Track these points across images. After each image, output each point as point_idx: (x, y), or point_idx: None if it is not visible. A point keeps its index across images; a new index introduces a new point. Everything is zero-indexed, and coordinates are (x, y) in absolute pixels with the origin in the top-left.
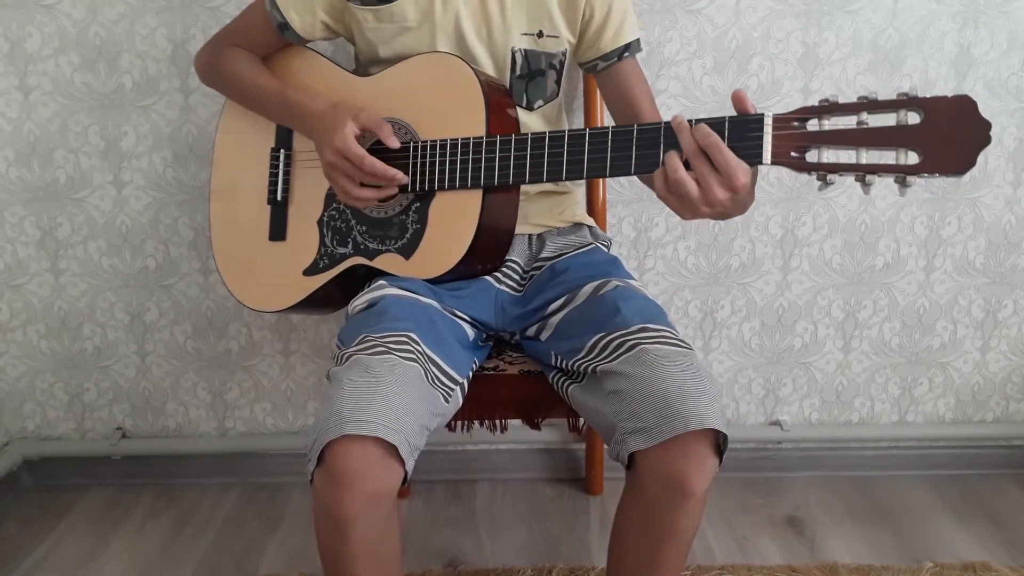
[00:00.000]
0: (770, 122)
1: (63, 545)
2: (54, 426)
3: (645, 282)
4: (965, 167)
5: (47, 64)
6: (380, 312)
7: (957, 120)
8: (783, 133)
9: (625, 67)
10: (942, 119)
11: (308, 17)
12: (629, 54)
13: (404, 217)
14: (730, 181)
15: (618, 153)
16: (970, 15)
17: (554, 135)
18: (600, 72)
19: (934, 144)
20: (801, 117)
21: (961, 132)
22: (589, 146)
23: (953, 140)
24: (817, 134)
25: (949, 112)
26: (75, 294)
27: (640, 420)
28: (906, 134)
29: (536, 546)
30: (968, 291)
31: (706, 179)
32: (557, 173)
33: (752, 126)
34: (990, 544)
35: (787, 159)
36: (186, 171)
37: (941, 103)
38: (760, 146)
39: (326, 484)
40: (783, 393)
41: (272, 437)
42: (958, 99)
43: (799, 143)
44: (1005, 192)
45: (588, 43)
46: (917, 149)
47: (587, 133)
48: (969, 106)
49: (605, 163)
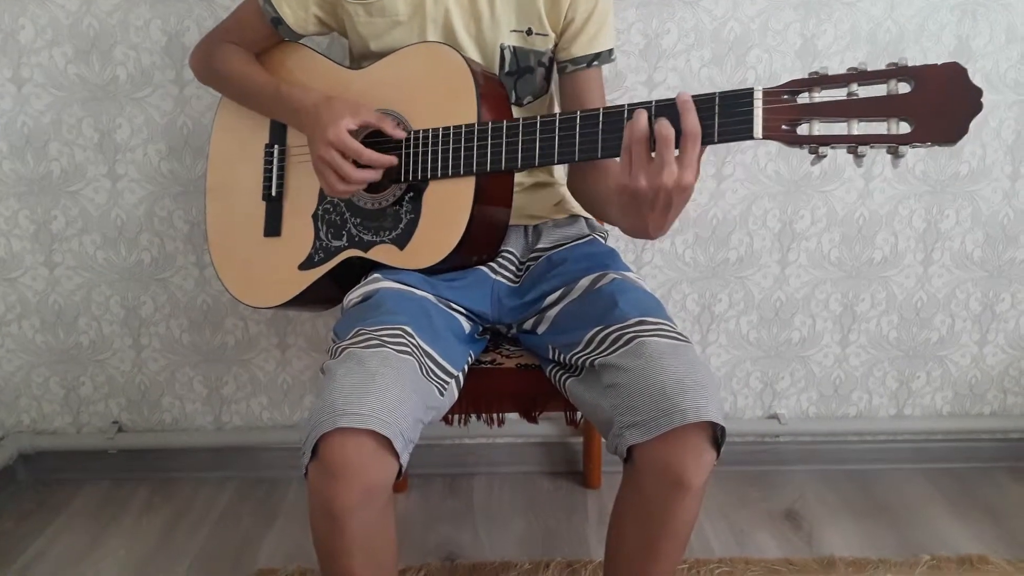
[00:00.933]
0: (760, 96)
1: (60, 539)
2: (50, 420)
3: (643, 275)
4: (957, 135)
5: (40, 56)
6: (375, 305)
7: (948, 88)
8: (773, 106)
9: (589, 75)
10: (933, 87)
11: (301, 12)
12: (598, 63)
13: (398, 208)
14: (683, 174)
15: (609, 134)
16: (968, 7)
17: (545, 119)
18: (567, 74)
19: (925, 112)
20: (791, 90)
21: (952, 100)
22: (580, 128)
23: (944, 108)
24: (808, 106)
25: (940, 80)
26: (70, 288)
27: (638, 413)
28: (897, 103)
29: (534, 539)
30: (966, 285)
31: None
32: (549, 157)
33: (742, 100)
34: (987, 538)
35: (778, 132)
36: (181, 163)
37: (931, 71)
38: (750, 120)
39: (320, 477)
40: (781, 387)
41: (268, 431)
42: (948, 66)
43: (790, 116)
44: (1003, 185)
45: (563, 45)
46: (909, 118)
47: (578, 115)
48: (959, 73)
49: (596, 143)
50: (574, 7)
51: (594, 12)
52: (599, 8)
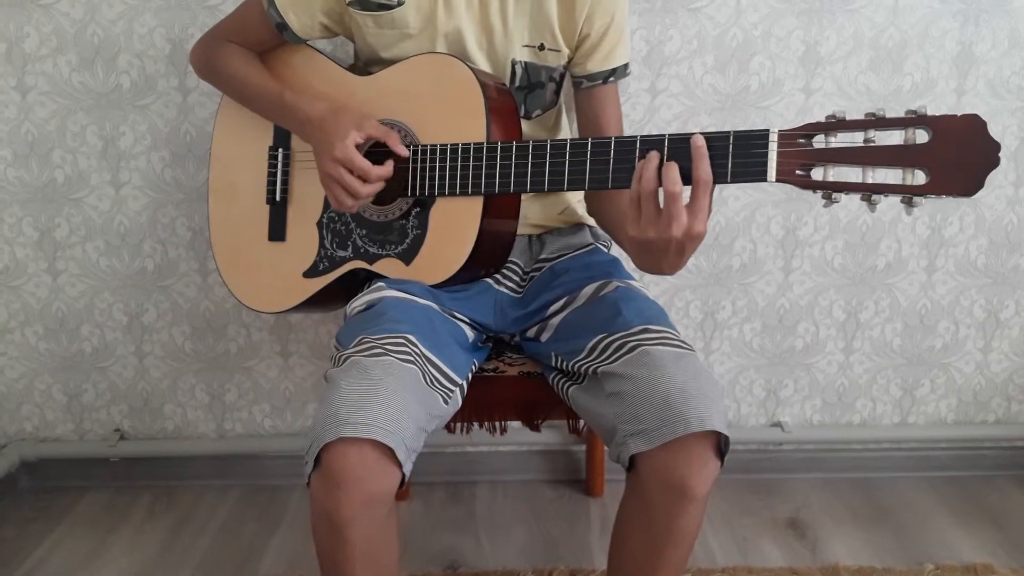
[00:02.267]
0: (775, 138)
1: (61, 547)
2: (52, 427)
3: (646, 283)
4: (973, 189)
5: (45, 64)
6: (378, 314)
7: (965, 140)
8: (788, 150)
9: (605, 91)
10: (950, 139)
11: (307, 19)
12: (614, 79)
13: (404, 222)
14: (692, 224)
15: (620, 165)
16: (971, 13)
17: (556, 143)
18: (582, 89)
19: (942, 164)
20: (807, 133)
21: (969, 152)
22: (591, 156)
23: (961, 160)
24: (823, 152)
25: (958, 132)
26: (73, 295)
27: (641, 422)
28: (913, 153)
29: (536, 548)
30: (970, 291)
31: (679, 209)
32: (558, 183)
33: (757, 142)
34: (992, 546)
35: (792, 177)
36: (184, 171)
37: (950, 122)
38: (764, 163)
39: (323, 486)
40: (784, 394)
41: (271, 439)
42: (967, 118)
43: (804, 160)
44: (1007, 192)
45: (578, 60)
46: (924, 169)
47: (589, 143)
48: (978, 126)
49: (607, 174)
50: (589, 23)
51: (610, 28)
52: (615, 24)
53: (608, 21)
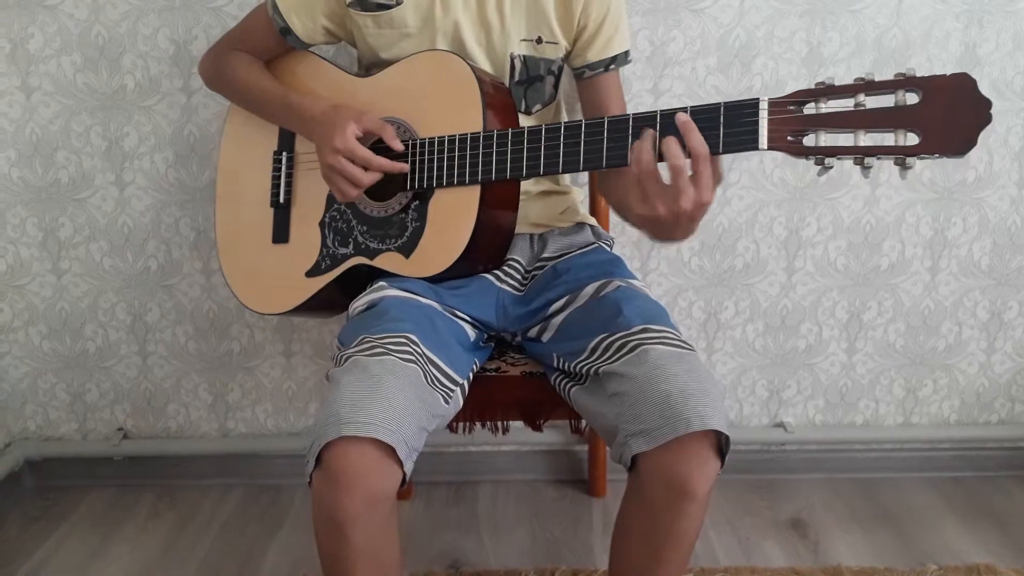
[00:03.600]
0: (766, 106)
1: (65, 546)
2: (56, 427)
3: (648, 283)
4: (966, 146)
5: (49, 65)
6: (380, 313)
7: (956, 99)
8: (779, 117)
9: (608, 79)
10: (941, 98)
11: (309, 22)
12: (615, 66)
13: (404, 216)
14: (700, 195)
15: (614, 143)
16: (975, 14)
17: (550, 127)
18: (584, 80)
19: (933, 124)
20: (797, 100)
21: (961, 111)
22: (585, 136)
23: (953, 119)
24: (814, 117)
25: (948, 91)
26: (77, 295)
27: (642, 422)
28: (905, 114)
29: (538, 548)
30: (973, 292)
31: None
32: (554, 166)
33: (747, 111)
34: (995, 547)
35: (783, 144)
36: (188, 171)
37: (939, 81)
38: (756, 131)
39: (324, 485)
40: (787, 395)
41: (273, 438)
42: (957, 77)
43: (796, 127)
44: (1011, 192)
45: (577, 51)
46: (916, 129)
47: (583, 124)
48: (968, 84)
49: (601, 153)
50: (586, 13)
51: (607, 16)
52: (612, 12)
53: (605, 10)
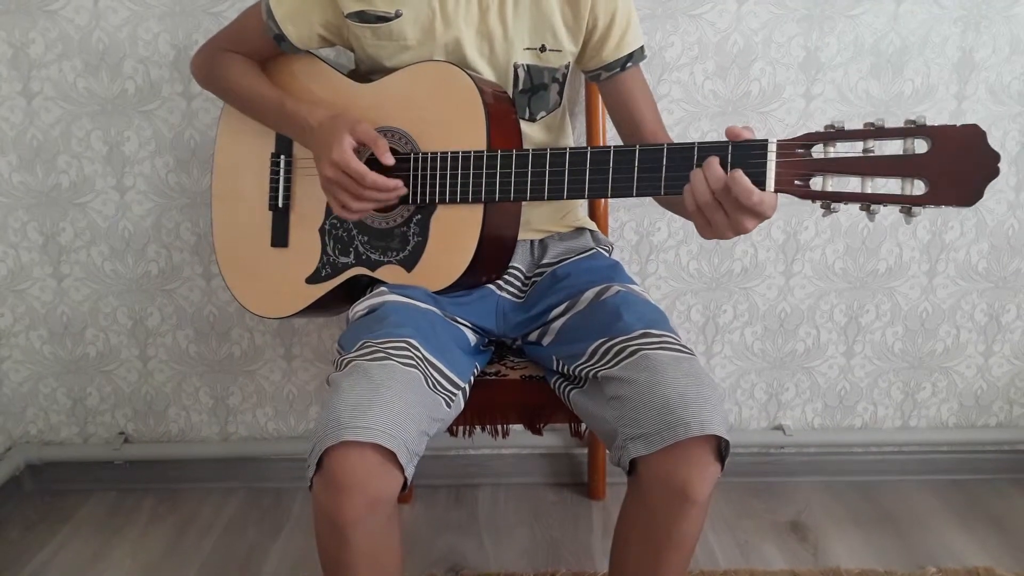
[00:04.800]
0: (774, 148)
1: (66, 550)
2: (57, 431)
3: (647, 287)
4: (972, 199)
5: (50, 69)
6: (381, 318)
7: (965, 150)
8: (787, 160)
9: (628, 77)
10: (949, 148)
11: (305, 31)
12: (632, 63)
13: (405, 229)
14: (758, 211)
15: (619, 175)
16: (972, 19)
17: (555, 152)
18: (603, 81)
19: (941, 174)
20: (805, 143)
21: (969, 162)
22: (590, 166)
23: (961, 170)
24: (822, 161)
25: (957, 141)
26: (78, 299)
27: (641, 426)
28: (913, 163)
29: (538, 551)
30: (971, 296)
31: (733, 210)
32: (558, 192)
33: (755, 152)
34: (993, 549)
35: (791, 187)
36: (188, 176)
37: (949, 132)
38: (763, 173)
39: (325, 490)
40: (786, 398)
41: (274, 442)
42: (966, 128)
43: (803, 170)
44: (1008, 197)
45: (591, 53)
46: (923, 179)
47: (588, 152)
48: (977, 136)
49: (607, 184)
50: (594, 13)
51: (616, 13)
52: (620, 8)
53: (613, 8)
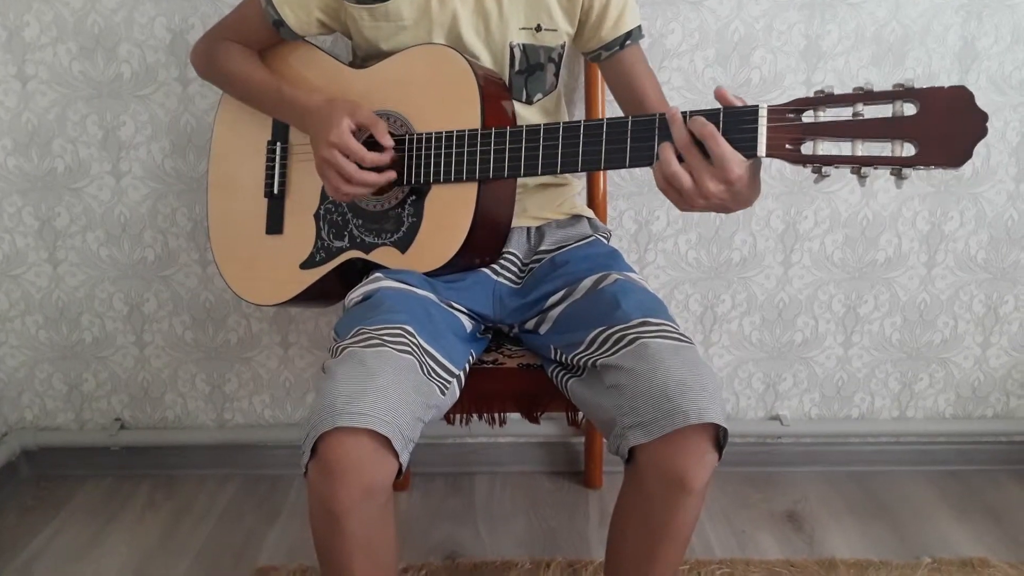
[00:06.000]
0: (764, 114)
1: (62, 535)
2: (52, 416)
3: (646, 276)
4: (962, 159)
5: (45, 53)
6: (376, 304)
7: (953, 111)
8: (778, 125)
9: (628, 55)
10: (938, 110)
11: (303, 15)
12: (631, 42)
13: (400, 211)
14: (723, 173)
15: (613, 145)
16: (974, 9)
17: (549, 127)
18: (604, 61)
19: (930, 135)
20: (796, 108)
21: (957, 123)
22: (584, 138)
23: (949, 131)
24: (812, 126)
25: (945, 103)
26: (73, 284)
27: (639, 415)
28: (902, 125)
29: (535, 539)
30: (969, 286)
31: (699, 172)
32: (552, 166)
33: (746, 118)
34: (989, 540)
35: (782, 151)
36: (185, 161)
37: (937, 94)
38: (754, 138)
39: (320, 476)
40: (783, 388)
41: (270, 429)
42: (954, 90)
43: (794, 135)
44: (1008, 187)
45: (589, 33)
46: (913, 140)
47: (582, 125)
48: (965, 97)
49: (600, 155)
50: None
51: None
52: None
53: None
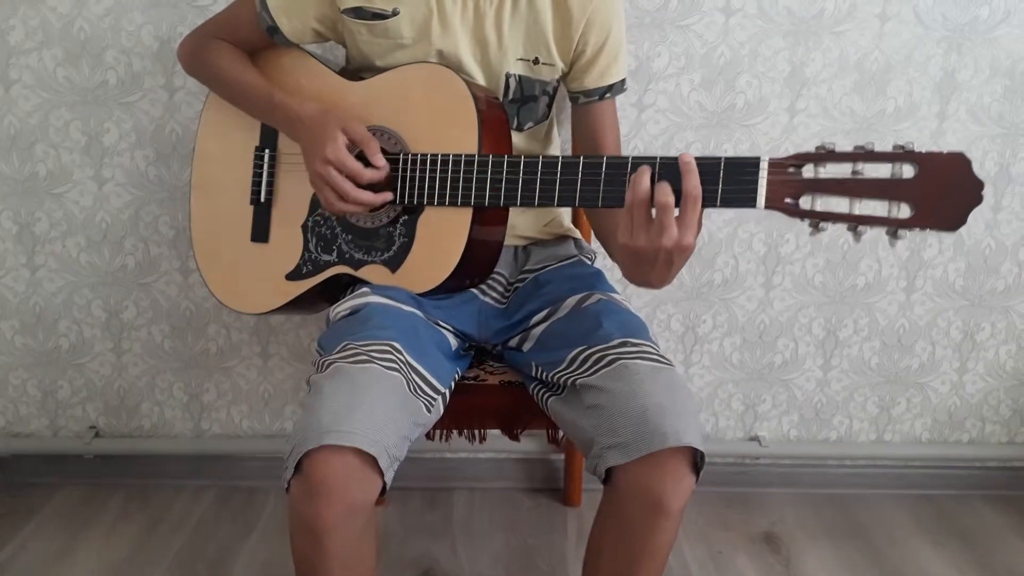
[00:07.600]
0: (765, 166)
1: (32, 544)
2: (26, 423)
3: (628, 295)
4: (956, 224)
5: (30, 57)
6: (363, 320)
7: (951, 177)
8: (778, 179)
9: (603, 107)
10: (936, 175)
11: (299, 24)
12: (611, 95)
13: (391, 229)
14: (682, 236)
15: (610, 185)
16: (955, 40)
17: (548, 160)
18: (579, 105)
19: (927, 199)
20: (796, 163)
21: (954, 189)
22: (582, 175)
23: (946, 196)
24: (813, 182)
25: (943, 168)
26: (51, 290)
27: (618, 435)
28: (900, 187)
29: (512, 556)
30: (947, 313)
31: (669, 220)
32: (548, 199)
33: (747, 169)
34: (963, 564)
35: (780, 205)
36: (168, 169)
37: (936, 159)
38: (754, 190)
39: (303, 493)
40: (762, 409)
41: (248, 440)
42: (952, 156)
43: (793, 189)
44: (986, 216)
45: (574, 75)
46: (910, 202)
47: (581, 161)
48: (963, 164)
49: (598, 193)
50: (584, 39)
51: (605, 44)
52: (611, 40)
53: (604, 37)
